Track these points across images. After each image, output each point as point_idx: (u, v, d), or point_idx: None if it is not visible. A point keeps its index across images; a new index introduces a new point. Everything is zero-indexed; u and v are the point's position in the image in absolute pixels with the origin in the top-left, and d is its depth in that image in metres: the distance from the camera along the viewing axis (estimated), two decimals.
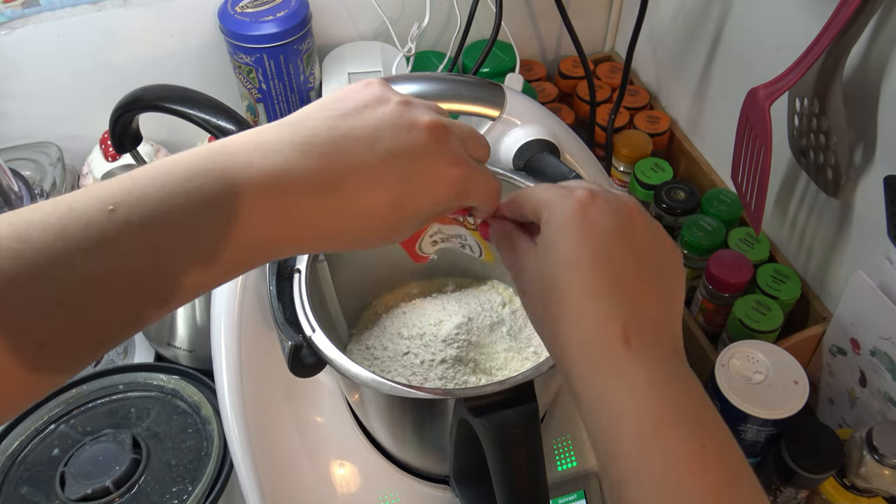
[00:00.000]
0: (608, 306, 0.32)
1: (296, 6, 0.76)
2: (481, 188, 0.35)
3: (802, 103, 0.62)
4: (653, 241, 0.35)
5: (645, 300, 0.33)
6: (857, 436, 0.58)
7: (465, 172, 0.34)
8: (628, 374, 0.31)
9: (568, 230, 0.33)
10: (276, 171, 0.30)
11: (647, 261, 0.34)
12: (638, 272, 0.33)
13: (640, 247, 0.34)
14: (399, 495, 0.52)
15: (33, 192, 0.59)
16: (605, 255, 0.33)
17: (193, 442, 0.58)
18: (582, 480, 0.54)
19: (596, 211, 0.33)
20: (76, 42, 0.76)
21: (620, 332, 0.32)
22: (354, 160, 0.31)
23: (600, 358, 0.32)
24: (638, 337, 0.32)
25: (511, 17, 0.87)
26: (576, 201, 0.33)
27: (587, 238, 0.33)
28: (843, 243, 0.68)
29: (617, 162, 0.86)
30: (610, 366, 0.32)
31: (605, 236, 0.33)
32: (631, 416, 0.31)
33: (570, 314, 0.33)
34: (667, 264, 0.35)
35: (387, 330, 0.54)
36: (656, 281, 0.34)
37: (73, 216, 0.27)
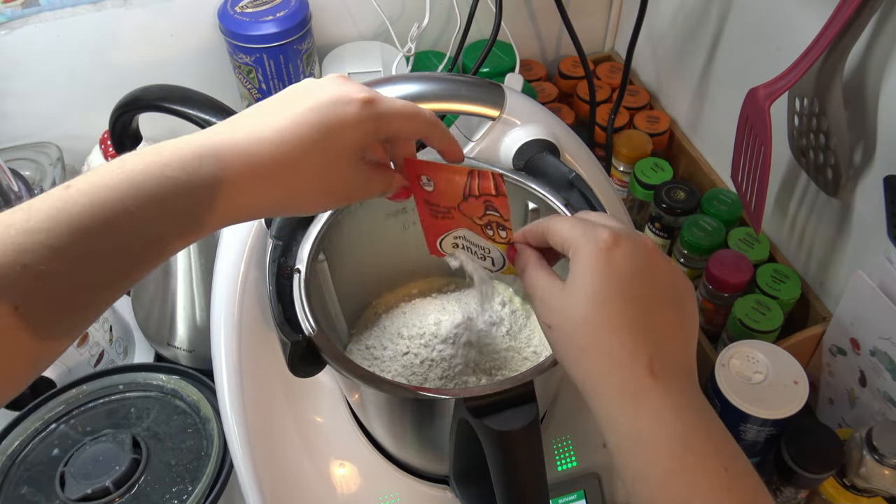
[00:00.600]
0: (635, 339, 0.35)
1: (296, 6, 0.76)
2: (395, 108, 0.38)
3: (802, 103, 0.62)
4: (671, 278, 0.37)
5: (667, 333, 0.36)
6: (857, 436, 0.58)
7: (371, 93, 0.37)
8: (656, 402, 0.34)
9: (595, 270, 0.35)
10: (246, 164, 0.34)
11: (666, 296, 0.36)
12: (660, 308, 0.36)
13: (660, 283, 0.36)
14: (399, 495, 0.52)
15: (33, 192, 0.59)
16: (630, 293, 0.35)
17: (193, 442, 0.58)
18: (582, 480, 0.54)
19: (620, 252, 0.36)
20: (76, 42, 0.76)
21: (646, 362, 0.34)
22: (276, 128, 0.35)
23: (628, 387, 0.34)
24: (662, 368, 0.34)
25: (511, 17, 0.87)
26: (602, 242, 0.36)
27: (613, 278, 0.35)
28: (843, 243, 0.68)
29: (617, 162, 0.86)
30: (638, 394, 0.34)
31: (629, 275, 0.36)
32: (660, 442, 0.33)
33: (598, 346, 0.35)
34: (682, 297, 0.37)
35: (387, 330, 0.54)
36: (676, 315, 0.36)
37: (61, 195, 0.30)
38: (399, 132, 0.39)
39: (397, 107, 0.38)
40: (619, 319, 0.35)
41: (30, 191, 0.59)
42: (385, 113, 0.37)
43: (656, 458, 0.33)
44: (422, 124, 0.39)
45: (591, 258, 0.36)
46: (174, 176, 0.32)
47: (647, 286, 0.36)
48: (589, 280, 0.35)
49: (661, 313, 0.36)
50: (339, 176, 0.37)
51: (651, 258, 0.37)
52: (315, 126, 0.35)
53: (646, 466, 0.33)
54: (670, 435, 0.33)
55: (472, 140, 0.54)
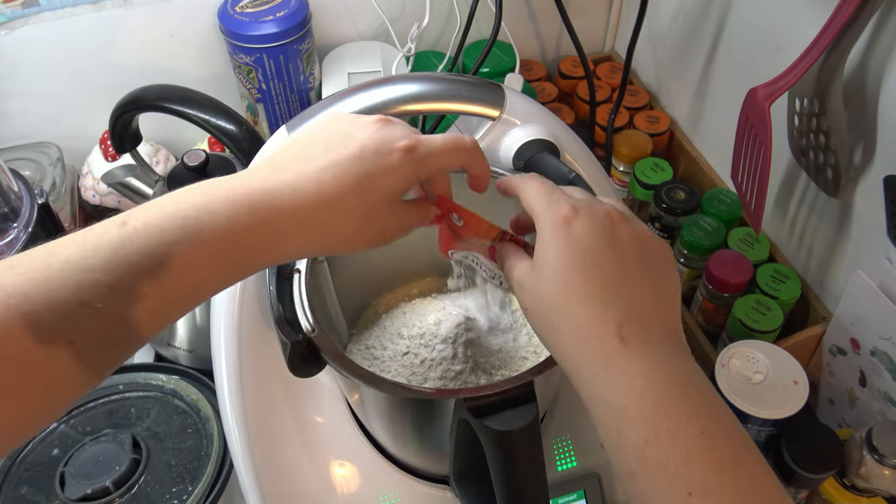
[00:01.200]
0: (601, 307, 0.34)
1: (296, 6, 0.76)
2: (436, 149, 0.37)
3: (802, 103, 0.62)
4: (638, 242, 0.37)
5: (636, 298, 0.35)
6: (857, 436, 0.58)
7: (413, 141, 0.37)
8: (628, 368, 0.33)
9: (556, 244, 0.36)
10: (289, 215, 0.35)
11: (633, 261, 0.36)
12: (626, 274, 0.35)
13: (625, 249, 0.36)
14: (399, 495, 0.52)
15: (33, 192, 0.59)
16: (593, 262, 0.35)
17: (193, 442, 0.58)
18: (582, 480, 0.54)
19: (579, 223, 0.36)
20: (76, 42, 0.76)
21: (615, 329, 0.34)
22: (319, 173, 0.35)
23: (598, 356, 0.34)
24: (633, 333, 0.34)
25: (511, 17, 0.87)
26: (561, 216, 0.36)
27: (575, 249, 0.35)
28: (843, 243, 0.68)
29: (617, 162, 0.86)
30: (609, 363, 0.34)
31: (590, 245, 0.35)
32: (634, 409, 0.32)
33: (567, 320, 0.35)
34: (655, 261, 0.37)
35: (387, 330, 0.54)
36: (645, 278, 0.36)
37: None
38: (441, 169, 0.39)
39: (437, 147, 0.38)
40: (584, 291, 0.35)
41: (30, 191, 0.59)
42: (426, 157, 0.37)
43: (630, 425, 0.32)
44: (462, 154, 0.39)
45: (551, 232, 0.36)
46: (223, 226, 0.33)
47: (610, 254, 0.35)
48: (551, 256, 0.36)
49: (630, 278, 0.35)
50: (378, 220, 0.37)
51: (613, 225, 0.36)
52: (357, 176, 0.35)
53: (621, 435, 0.33)
54: (643, 401, 0.32)
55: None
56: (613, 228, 0.36)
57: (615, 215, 0.37)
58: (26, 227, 0.57)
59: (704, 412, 0.33)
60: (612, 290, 0.35)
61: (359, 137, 0.36)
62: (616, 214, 0.37)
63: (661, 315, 0.36)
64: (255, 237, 0.33)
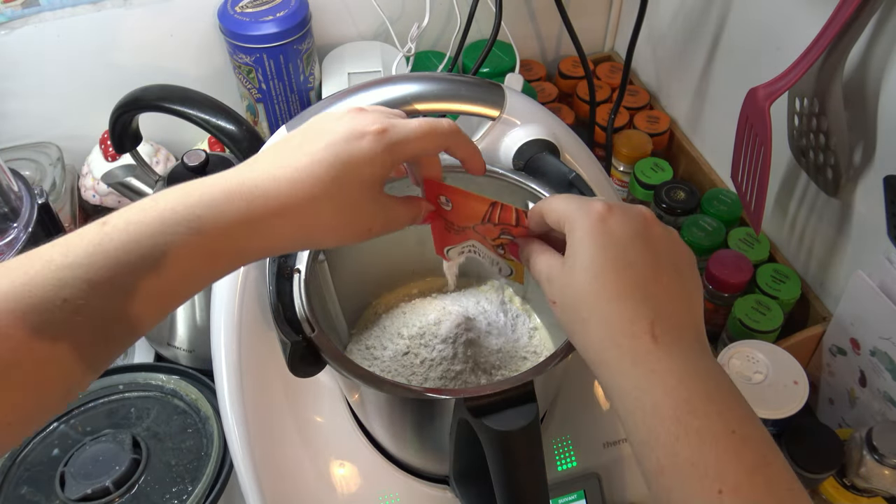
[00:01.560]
0: (633, 305, 0.35)
1: (296, 6, 0.76)
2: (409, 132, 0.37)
3: (802, 103, 0.62)
4: (669, 245, 0.37)
5: (668, 297, 0.35)
6: (857, 436, 0.58)
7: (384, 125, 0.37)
8: (659, 366, 0.34)
9: (591, 240, 0.36)
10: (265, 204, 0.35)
11: (665, 262, 0.36)
12: (658, 273, 0.36)
13: (657, 250, 0.36)
14: (399, 495, 0.52)
15: (33, 192, 0.59)
16: (626, 260, 0.35)
17: (193, 442, 0.58)
18: (582, 480, 0.54)
19: (614, 220, 0.36)
20: (76, 42, 0.76)
21: (647, 328, 0.34)
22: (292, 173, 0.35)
23: (630, 353, 0.34)
24: (664, 332, 0.34)
25: (511, 17, 0.87)
26: (595, 213, 0.36)
27: (609, 246, 0.35)
28: (843, 243, 0.68)
29: (617, 162, 0.86)
30: (640, 360, 0.34)
31: (624, 243, 0.36)
32: (665, 407, 0.33)
33: (599, 315, 0.35)
34: (683, 265, 0.37)
35: (387, 330, 0.54)
36: (676, 280, 0.36)
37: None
38: (417, 153, 0.39)
39: (411, 130, 0.38)
40: (616, 287, 0.35)
41: (30, 191, 0.59)
42: (399, 140, 0.37)
43: (661, 423, 0.33)
44: (440, 139, 0.39)
45: (585, 229, 0.36)
46: (202, 215, 0.33)
47: (643, 252, 0.36)
48: (585, 251, 0.36)
49: (661, 278, 0.36)
50: (360, 211, 0.37)
51: (647, 224, 0.37)
52: (331, 163, 0.35)
53: (651, 432, 0.33)
54: (674, 399, 0.33)
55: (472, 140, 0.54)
56: (647, 227, 0.37)
57: (648, 215, 0.37)
58: (26, 227, 0.57)
59: (733, 412, 0.33)
60: (645, 289, 0.35)
61: (331, 128, 0.37)
62: (649, 214, 0.38)
63: (690, 316, 0.36)
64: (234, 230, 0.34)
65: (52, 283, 0.30)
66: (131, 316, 0.32)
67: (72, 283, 0.30)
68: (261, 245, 0.35)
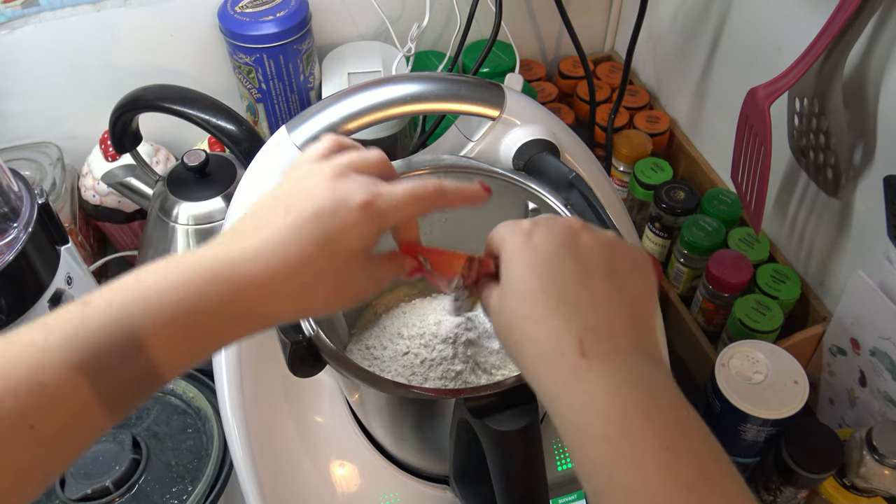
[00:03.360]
0: (559, 321, 0.33)
1: (296, 6, 0.76)
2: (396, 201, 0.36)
3: (802, 103, 0.62)
4: (601, 249, 0.36)
5: (598, 307, 0.34)
6: (857, 436, 0.58)
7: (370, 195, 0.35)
8: (588, 385, 0.32)
9: (517, 261, 0.35)
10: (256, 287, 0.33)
11: (595, 268, 0.35)
12: (587, 281, 0.34)
13: (586, 256, 0.35)
14: (399, 495, 0.52)
15: (33, 192, 0.59)
16: (551, 275, 0.34)
17: (193, 442, 0.58)
18: None
19: (539, 236, 0.35)
20: (76, 42, 0.76)
21: (575, 345, 0.33)
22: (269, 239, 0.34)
23: (560, 373, 0.33)
24: (594, 346, 0.33)
25: (511, 17, 0.87)
26: (520, 232, 0.36)
27: (534, 264, 0.35)
28: (843, 243, 0.68)
29: (617, 162, 0.86)
30: (570, 380, 0.33)
31: (548, 257, 0.35)
32: (596, 428, 0.31)
33: (528, 337, 0.34)
34: (620, 266, 0.36)
35: (387, 330, 0.54)
36: (609, 285, 0.35)
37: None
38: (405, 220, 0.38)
39: (398, 198, 0.36)
40: (544, 306, 0.34)
41: (30, 191, 0.59)
42: (386, 210, 0.35)
43: (594, 445, 0.31)
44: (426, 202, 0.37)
45: (511, 250, 0.35)
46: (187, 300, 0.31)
47: (570, 262, 0.35)
48: (513, 272, 0.35)
49: (590, 288, 0.34)
50: (348, 280, 0.36)
51: (573, 234, 0.36)
52: (317, 238, 0.34)
53: (586, 455, 0.32)
54: (605, 419, 0.31)
55: (472, 140, 0.54)
56: (574, 236, 0.36)
57: (575, 223, 0.36)
58: (26, 227, 0.57)
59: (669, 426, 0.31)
60: (573, 303, 0.34)
61: (316, 196, 0.35)
62: (577, 223, 0.36)
63: (627, 323, 0.34)
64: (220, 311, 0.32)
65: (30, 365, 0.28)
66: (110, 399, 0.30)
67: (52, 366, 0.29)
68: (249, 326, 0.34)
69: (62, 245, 0.62)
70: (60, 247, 0.62)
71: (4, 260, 0.55)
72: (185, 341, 0.32)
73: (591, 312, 0.34)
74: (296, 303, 0.35)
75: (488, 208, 0.45)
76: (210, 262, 0.33)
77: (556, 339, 0.33)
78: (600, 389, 0.32)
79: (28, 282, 0.58)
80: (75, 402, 0.29)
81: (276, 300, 0.34)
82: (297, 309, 0.36)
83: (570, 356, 0.32)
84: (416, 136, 0.81)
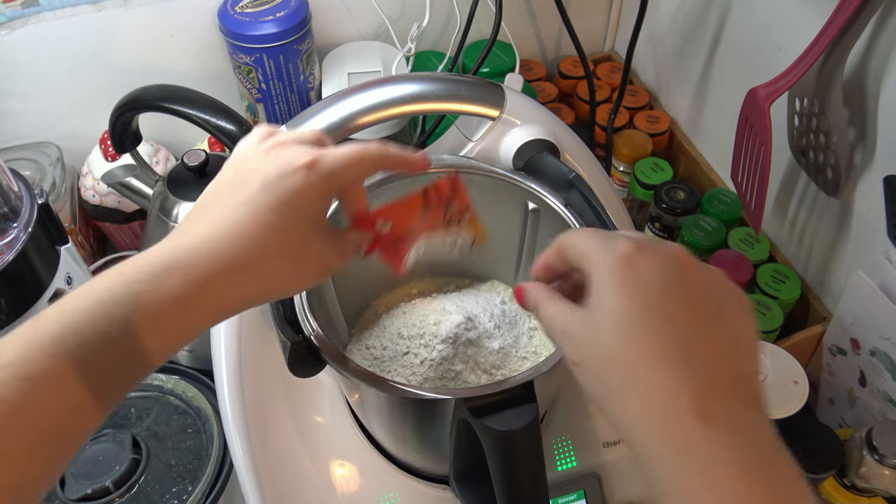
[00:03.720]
0: (673, 373, 0.29)
1: (296, 6, 0.76)
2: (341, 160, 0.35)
3: (802, 103, 0.62)
4: (709, 286, 0.32)
5: (712, 357, 0.30)
6: (857, 436, 0.58)
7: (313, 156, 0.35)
8: (708, 457, 0.29)
9: (617, 288, 0.31)
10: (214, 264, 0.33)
11: (706, 310, 0.31)
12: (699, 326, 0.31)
13: (696, 296, 0.31)
14: (399, 495, 0.52)
15: (33, 192, 0.59)
16: (661, 314, 0.30)
17: (193, 442, 0.58)
18: (582, 480, 0.54)
19: (644, 263, 0.31)
20: (76, 42, 0.76)
21: (691, 403, 0.29)
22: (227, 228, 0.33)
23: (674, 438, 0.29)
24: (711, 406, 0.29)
25: (511, 17, 0.86)
26: (620, 254, 0.31)
27: (638, 296, 0.30)
28: (843, 243, 0.68)
29: (617, 162, 0.86)
30: (687, 447, 0.29)
31: (657, 291, 0.31)
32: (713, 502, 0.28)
33: (635, 387, 0.30)
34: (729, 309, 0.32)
35: (387, 330, 0.54)
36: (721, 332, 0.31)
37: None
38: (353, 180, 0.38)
39: (342, 157, 0.35)
40: (654, 350, 0.30)
41: (29, 191, 0.59)
42: (332, 170, 0.35)
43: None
44: (371, 161, 0.37)
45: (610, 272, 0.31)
46: (142, 291, 0.31)
47: (683, 303, 0.30)
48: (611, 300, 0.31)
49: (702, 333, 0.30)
50: (311, 248, 0.35)
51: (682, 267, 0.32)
52: (271, 206, 0.33)
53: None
54: (724, 495, 0.28)
55: (472, 140, 0.54)
56: (683, 270, 0.31)
57: (683, 255, 0.32)
58: (26, 227, 0.57)
59: (788, 497, 0.30)
60: (687, 349, 0.30)
61: (259, 169, 0.35)
62: (683, 253, 0.32)
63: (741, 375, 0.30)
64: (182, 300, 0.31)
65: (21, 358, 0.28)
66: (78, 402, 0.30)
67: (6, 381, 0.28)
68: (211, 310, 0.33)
69: (62, 245, 0.62)
70: (60, 247, 0.62)
71: (4, 260, 0.55)
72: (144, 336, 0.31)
73: (707, 363, 0.30)
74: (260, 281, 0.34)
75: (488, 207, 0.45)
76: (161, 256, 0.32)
77: (672, 394, 0.29)
78: (721, 463, 0.28)
79: (28, 282, 0.58)
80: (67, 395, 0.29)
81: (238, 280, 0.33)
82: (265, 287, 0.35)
83: (687, 420, 0.29)
84: (416, 136, 0.81)
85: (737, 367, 0.31)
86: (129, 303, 0.30)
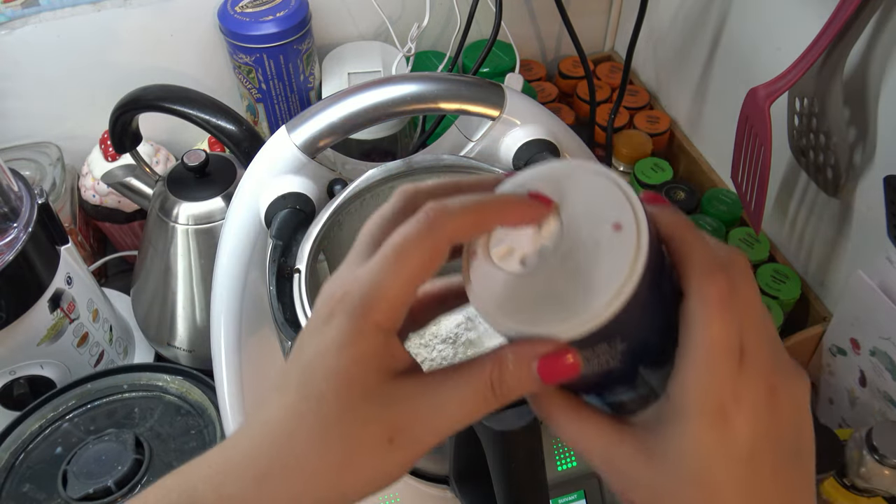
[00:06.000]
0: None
1: (296, 6, 0.76)
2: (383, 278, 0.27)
3: (802, 103, 0.62)
4: (797, 423, 0.27)
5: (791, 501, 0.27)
6: (857, 436, 0.58)
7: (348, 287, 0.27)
8: None
9: (702, 439, 0.26)
10: None
11: (792, 451, 0.27)
12: (785, 471, 0.27)
13: (787, 442, 0.27)
14: (399, 495, 0.52)
15: (33, 192, 0.59)
16: (750, 471, 0.26)
17: (196, 444, 0.58)
18: (582, 480, 0.54)
19: (741, 417, 0.26)
20: (76, 42, 0.76)
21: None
22: None
23: None
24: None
25: (511, 17, 0.86)
26: (715, 401, 0.25)
27: (727, 451, 0.26)
28: (843, 243, 0.68)
29: (617, 162, 0.86)
30: None
31: (750, 447, 0.26)
32: None
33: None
34: (804, 447, 0.28)
35: None
36: (803, 475, 0.28)
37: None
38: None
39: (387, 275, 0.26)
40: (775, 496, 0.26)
41: (30, 191, 0.59)
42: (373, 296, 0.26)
43: None
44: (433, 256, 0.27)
45: (699, 419, 0.25)
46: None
47: (771, 456, 0.26)
48: (692, 450, 0.26)
49: (788, 480, 0.27)
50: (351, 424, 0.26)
51: (776, 406, 0.26)
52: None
53: None
54: None
55: (472, 140, 0.54)
56: (776, 409, 0.26)
57: (804, 396, 0.27)
58: (26, 227, 0.57)
59: None
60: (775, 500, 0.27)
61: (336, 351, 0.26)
62: (805, 392, 0.28)
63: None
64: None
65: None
66: None
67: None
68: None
69: (62, 245, 0.62)
70: (60, 247, 0.62)
71: (4, 260, 0.55)
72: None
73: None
74: (288, 484, 0.26)
75: None
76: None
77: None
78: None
79: (28, 282, 0.58)
80: None
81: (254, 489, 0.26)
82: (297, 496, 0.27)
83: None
84: (416, 136, 0.81)
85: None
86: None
